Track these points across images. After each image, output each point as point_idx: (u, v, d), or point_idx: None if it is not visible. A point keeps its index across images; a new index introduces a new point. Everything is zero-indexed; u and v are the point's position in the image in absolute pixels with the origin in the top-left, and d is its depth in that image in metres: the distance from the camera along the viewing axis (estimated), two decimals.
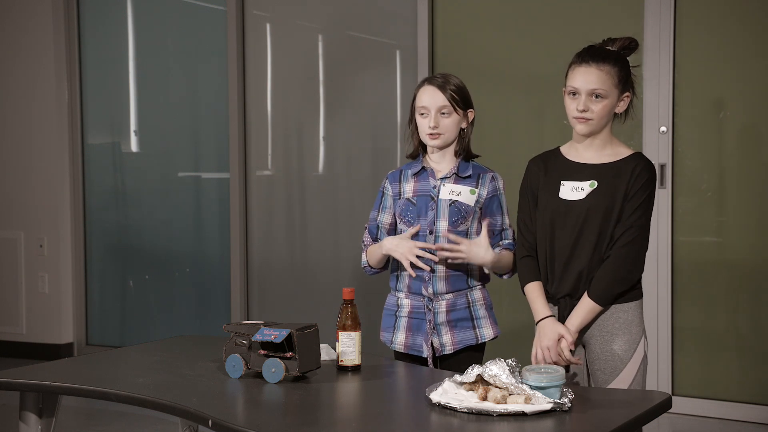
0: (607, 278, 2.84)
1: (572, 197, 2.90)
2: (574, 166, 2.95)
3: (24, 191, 6.37)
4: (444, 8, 5.25)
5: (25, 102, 6.36)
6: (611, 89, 2.88)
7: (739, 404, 4.64)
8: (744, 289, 4.66)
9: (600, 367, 2.90)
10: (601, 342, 2.90)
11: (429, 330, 3.15)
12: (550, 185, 2.96)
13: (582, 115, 2.89)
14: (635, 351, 2.88)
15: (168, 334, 5.94)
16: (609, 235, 2.86)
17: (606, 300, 2.86)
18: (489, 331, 3.19)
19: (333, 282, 5.58)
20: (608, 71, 2.87)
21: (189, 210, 6.09)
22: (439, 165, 3.21)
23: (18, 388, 2.78)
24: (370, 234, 3.28)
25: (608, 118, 2.91)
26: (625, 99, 2.92)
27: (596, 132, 2.92)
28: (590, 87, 2.87)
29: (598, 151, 2.94)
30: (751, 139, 4.64)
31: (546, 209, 2.95)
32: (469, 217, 3.15)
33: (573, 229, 2.89)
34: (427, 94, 3.17)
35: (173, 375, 2.77)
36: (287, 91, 5.78)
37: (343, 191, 5.60)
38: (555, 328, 2.88)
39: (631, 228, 2.84)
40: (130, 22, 6.20)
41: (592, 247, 2.87)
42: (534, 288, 2.98)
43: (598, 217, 2.86)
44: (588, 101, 2.88)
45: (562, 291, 2.92)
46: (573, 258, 2.89)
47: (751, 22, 4.60)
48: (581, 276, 2.88)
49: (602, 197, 2.87)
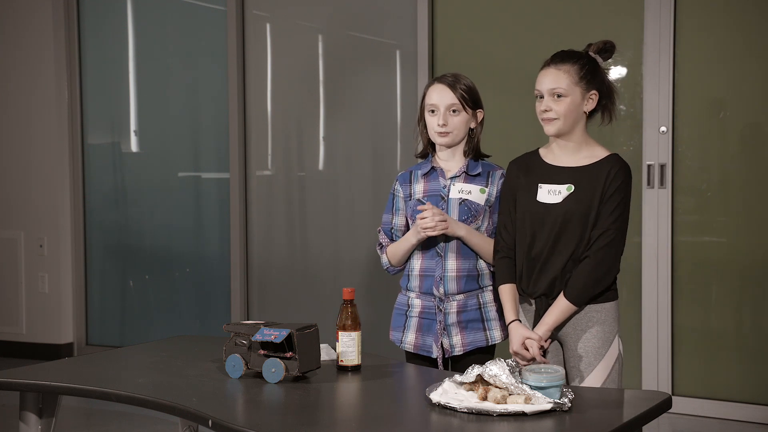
0: (584, 280, 2.89)
1: (550, 200, 2.95)
2: (551, 169, 3.00)
3: (24, 191, 6.37)
4: (444, 8, 5.25)
5: (25, 102, 6.36)
6: (571, 87, 2.93)
7: (739, 404, 4.64)
8: (744, 289, 4.66)
9: (574, 363, 2.95)
10: (575, 339, 2.95)
11: (439, 330, 3.15)
12: (528, 188, 3.00)
13: (545, 115, 2.97)
14: (609, 348, 2.92)
15: (168, 334, 5.94)
16: (586, 237, 2.90)
17: (581, 300, 2.91)
18: (499, 333, 3.18)
19: (333, 282, 5.58)
20: (566, 70, 2.94)
21: (189, 210, 6.09)
22: (449, 164, 3.21)
23: (18, 388, 2.78)
24: (385, 235, 3.28)
25: (575, 118, 2.95)
26: (592, 97, 2.95)
27: (565, 132, 2.97)
28: (549, 87, 2.95)
29: (574, 153, 2.99)
30: (751, 139, 4.64)
31: (524, 211, 3.00)
32: (480, 216, 3.15)
33: (551, 232, 2.94)
34: (437, 92, 3.18)
35: (173, 375, 2.77)
36: (287, 91, 5.78)
37: (343, 191, 5.60)
38: (520, 332, 2.95)
39: (608, 230, 2.89)
40: (130, 22, 6.20)
41: (569, 250, 2.92)
42: (507, 290, 3.05)
43: (575, 221, 2.91)
44: (550, 101, 2.96)
45: (539, 290, 2.97)
46: (550, 259, 2.94)
47: (751, 22, 4.60)
48: (558, 276, 2.93)
49: (579, 201, 2.91)
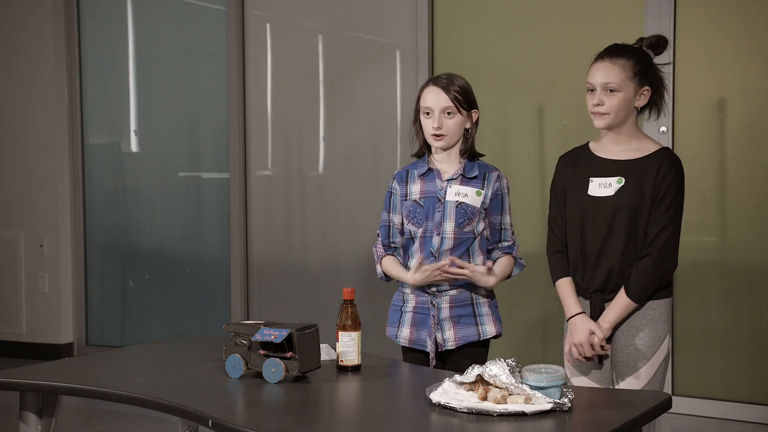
0: (647, 277, 2.88)
1: (601, 194, 2.94)
2: (601, 162, 2.98)
3: (24, 191, 6.37)
4: (444, 8, 5.25)
5: (25, 102, 6.35)
6: (625, 82, 2.90)
7: (739, 404, 4.64)
8: (744, 289, 4.66)
9: (622, 359, 2.94)
10: (626, 335, 2.94)
11: (433, 325, 3.17)
12: (579, 182, 2.99)
13: (596, 109, 2.94)
14: (659, 348, 2.92)
15: (168, 334, 5.94)
16: (639, 231, 2.90)
17: (643, 298, 2.91)
18: (491, 328, 3.21)
19: (333, 282, 5.58)
20: (621, 65, 2.91)
21: (189, 210, 6.09)
22: (445, 165, 3.22)
23: (18, 388, 2.77)
24: (382, 240, 3.29)
25: (626, 112, 2.94)
26: (644, 93, 2.94)
27: (615, 126, 2.95)
28: (602, 81, 2.91)
29: (624, 146, 2.97)
30: (751, 139, 4.64)
31: (575, 206, 2.99)
32: (475, 219, 3.17)
33: (602, 225, 2.93)
34: (431, 94, 3.17)
35: (173, 375, 2.77)
36: (287, 91, 5.78)
37: (343, 191, 5.60)
38: (586, 324, 2.92)
39: (667, 227, 2.88)
40: (130, 22, 6.20)
41: (622, 243, 2.90)
42: (565, 284, 3.02)
43: (626, 214, 2.90)
44: (602, 95, 2.92)
45: (593, 286, 2.96)
46: (603, 254, 2.93)
47: (752, 22, 4.60)
48: (612, 271, 2.92)
49: (630, 194, 2.90)
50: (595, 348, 2.91)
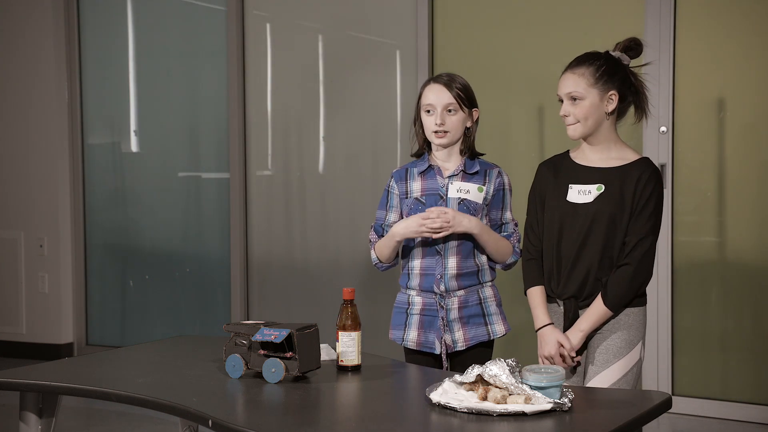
0: (624, 286, 2.88)
1: (580, 200, 2.94)
2: (581, 170, 2.99)
3: (24, 191, 6.37)
4: (444, 8, 5.25)
5: (25, 102, 6.36)
6: (587, 90, 2.91)
7: (739, 404, 4.64)
8: (744, 289, 4.66)
9: (592, 359, 2.94)
10: (600, 339, 2.94)
11: (442, 327, 3.16)
12: (559, 188, 3.00)
13: (565, 120, 2.96)
14: (631, 350, 2.91)
15: (168, 334, 5.94)
16: (617, 239, 2.90)
17: (619, 307, 2.90)
18: (500, 327, 3.22)
19: (333, 282, 5.58)
20: (581, 73, 2.92)
21: (189, 210, 6.09)
22: (446, 163, 3.23)
23: (18, 388, 2.77)
24: (376, 232, 3.29)
25: (596, 119, 2.93)
26: (612, 98, 2.93)
27: (588, 134, 2.96)
28: (566, 91, 2.94)
29: (604, 154, 2.97)
30: (751, 139, 4.64)
31: (554, 211, 2.99)
32: (478, 215, 3.17)
33: (580, 231, 2.92)
34: (433, 92, 3.18)
35: (173, 375, 2.77)
36: (287, 91, 5.78)
37: (343, 191, 5.60)
38: (554, 336, 2.94)
39: (647, 237, 2.89)
40: (130, 22, 6.20)
41: (598, 250, 2.90)
42: (536, 293, 3.02)
43: (604, 221, 2.90)
44: (568, 106, 2.94)
45: (568, 292, 2.96)
46: (579, 260, 2.93)
47: (752, 21, 4.60)
48: (587, 277, 2.92)
49: (610, 202, 2.90)
50: (565, 360, 2.92)
